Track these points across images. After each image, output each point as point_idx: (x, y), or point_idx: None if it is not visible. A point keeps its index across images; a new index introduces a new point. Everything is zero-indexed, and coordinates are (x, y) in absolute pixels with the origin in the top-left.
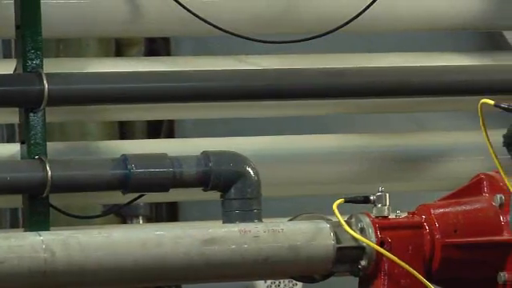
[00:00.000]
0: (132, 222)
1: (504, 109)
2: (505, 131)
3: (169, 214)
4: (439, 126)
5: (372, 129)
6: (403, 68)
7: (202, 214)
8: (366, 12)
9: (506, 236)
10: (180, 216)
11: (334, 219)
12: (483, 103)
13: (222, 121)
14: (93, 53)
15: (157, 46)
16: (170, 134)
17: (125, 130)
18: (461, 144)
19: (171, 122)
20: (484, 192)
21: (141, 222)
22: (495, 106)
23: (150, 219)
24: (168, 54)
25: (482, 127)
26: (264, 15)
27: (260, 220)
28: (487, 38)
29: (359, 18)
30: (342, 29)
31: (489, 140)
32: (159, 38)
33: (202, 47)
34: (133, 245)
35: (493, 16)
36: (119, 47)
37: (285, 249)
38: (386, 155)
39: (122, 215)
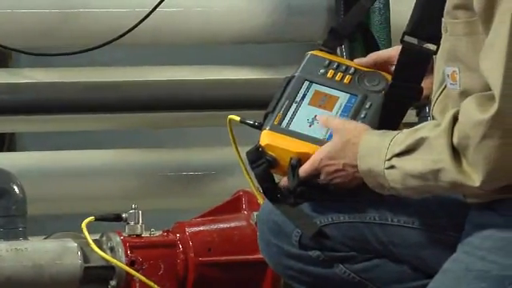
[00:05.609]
0: None
1: (250, 125)
2: None
3: None
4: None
5: (147, 144)
6: (168, 82)
7: None
8: (143, 25)
9: (261, 255)
10: None
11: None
12: (230, 119)
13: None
14: None
15: None
16: (12, 147)
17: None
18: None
19: (12, 135)
20: (243, 209)
21: None
22: (241, 122)
23: None
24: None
25: (233, 143)
26: (39, 27)
27: (25, 238)
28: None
29: (136, 30)
30: (121, 41)
31: (240, 156)
32: None
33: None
34: None
35: (280, 30)
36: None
37: (28, 268)
38: (162, 171)
39: None
